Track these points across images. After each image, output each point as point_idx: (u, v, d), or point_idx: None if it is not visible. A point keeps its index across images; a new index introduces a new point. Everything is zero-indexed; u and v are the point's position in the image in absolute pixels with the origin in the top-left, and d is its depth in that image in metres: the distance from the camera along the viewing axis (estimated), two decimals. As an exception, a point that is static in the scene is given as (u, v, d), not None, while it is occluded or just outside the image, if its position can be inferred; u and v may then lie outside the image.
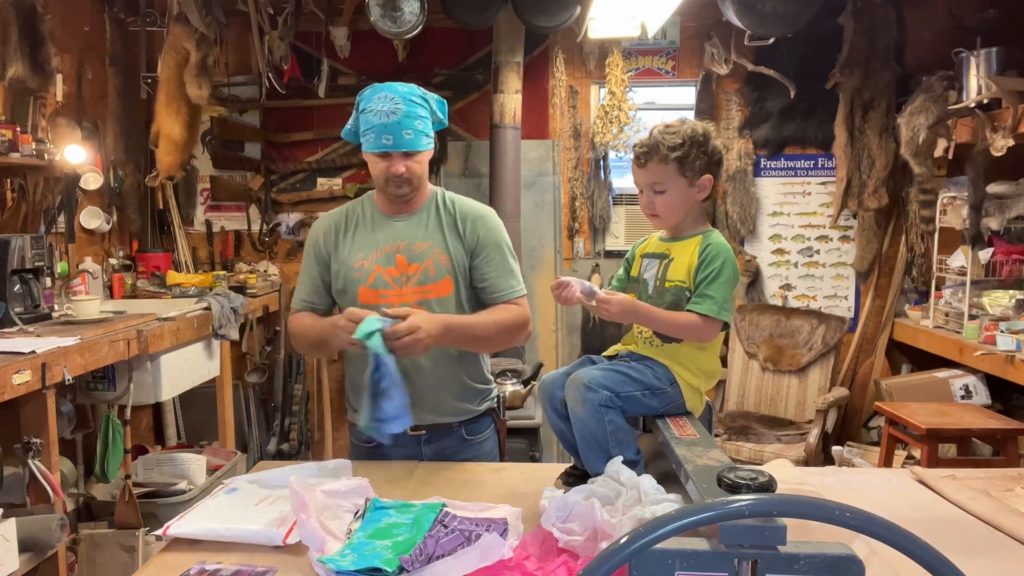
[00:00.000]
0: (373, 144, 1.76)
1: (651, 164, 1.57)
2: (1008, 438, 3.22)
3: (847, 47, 4.12)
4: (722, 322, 1.54)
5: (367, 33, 3.96)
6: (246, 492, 1.57)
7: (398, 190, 1.82)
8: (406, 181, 1.80)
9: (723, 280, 1.53)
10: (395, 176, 1.78)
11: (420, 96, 1.79)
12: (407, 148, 1.76)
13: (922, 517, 1.46)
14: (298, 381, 4.40)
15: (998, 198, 3.56)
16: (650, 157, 1.57)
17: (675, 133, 1.56)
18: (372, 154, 1.79)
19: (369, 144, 1.77)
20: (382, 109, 1.74)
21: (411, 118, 1.75)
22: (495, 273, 1.86)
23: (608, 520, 1.24)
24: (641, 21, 3.59)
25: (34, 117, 3.43)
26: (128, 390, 3.05)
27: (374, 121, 1.74)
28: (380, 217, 1.89)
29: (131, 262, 4.22)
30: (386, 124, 1.73)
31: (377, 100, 1.75)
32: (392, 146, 1.75)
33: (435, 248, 1.84)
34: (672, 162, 1.56)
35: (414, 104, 1.76)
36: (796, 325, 4.20)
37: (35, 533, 2.31)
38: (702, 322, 1.52)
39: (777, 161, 4.48)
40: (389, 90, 1.76)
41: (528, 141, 4.35)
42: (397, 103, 1.74)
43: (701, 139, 1.57)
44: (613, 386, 1.51)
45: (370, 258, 1.84)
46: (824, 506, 0.69)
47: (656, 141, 1.57)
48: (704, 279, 1.54)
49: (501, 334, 1.85)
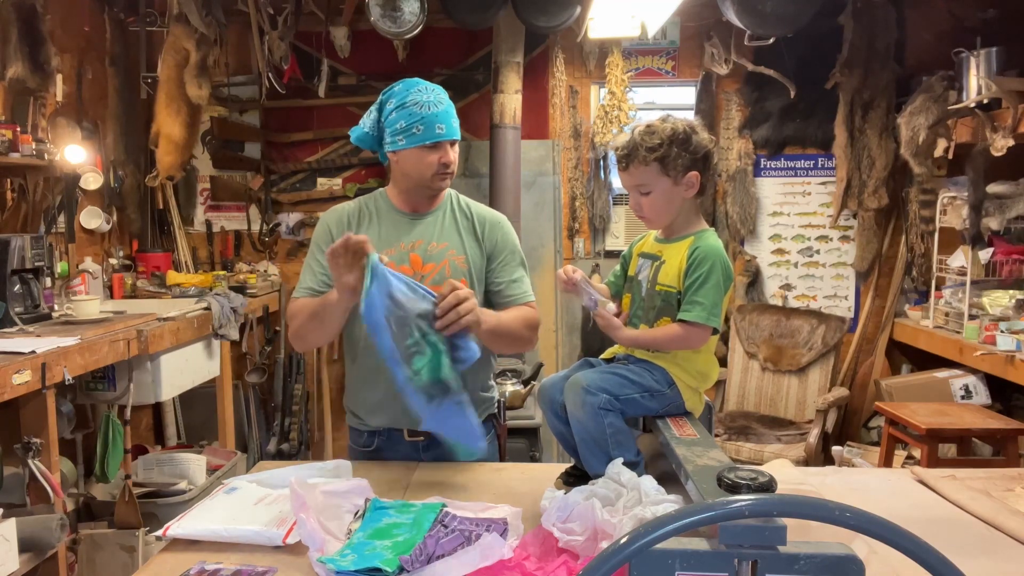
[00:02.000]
0: (424, 135, 1.73)
1: (632, 167, 1.55)
2: (1008, 438, 3.22)
3: (847, 47, 4.12)
4: (712, 327, 1.52)
5: (367, 33, 3.96)
6: (246, 492, 1.57)
7: (443, 183, 1.81)
8: (451, 173, 1.80)
9: (712, 284, 1.51)
10: (445, 166, 1.77)
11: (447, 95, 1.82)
12: (457, 137, 1.78)
13: (922, 517, 1.46)
14: (298, 381, 4.40)
15: (998, 198, 3.56)
16: (631, 160, 1.55)
17: (654, 133, 1.53)
18: (419, 148, 1.75)
19: (418, 136, 1.73)
20: (429, 100, 1.72)
21: (453, 107, 1.78)
22: (510, 278, 1.86)
23: (608, 520, 1.24)
24: (641, 21, 3.58)
25: (34, 117, 3.43)
26: (128, 390, 3.05)
27: (423, 113, 1.71)
28: (396, 214, 1.86)
29: (131, 262, 4.22)
30: (438, 114, 1.72)
31: (418, 92, 1.73)
32: (446, 135, 1.74)
33: (451, 249, 1.83)
34: (653, 163, 1.53)
35: (447, 95, 1.79)
36: (796, 325, 4.20)
37: (35, 533, 2.31)
38: (689, 330, 1.51)
39: (777, 161, 4.48)
40: (422, 83, 1.76)
41: (528, 141, 4.35)
42: (439, 94, 1.75)
43: (682, 137, 1.53)
44: (612, 389, 1.51)
45: (383, 254, 1.82)
46: (824, 506, 0.69)
47: (635, 143, 1.54)
48: (692, 284, 1.52)
49: (523, 331, 1.81)
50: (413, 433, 1.83)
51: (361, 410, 1.89)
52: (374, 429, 1.87)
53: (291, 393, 4.38)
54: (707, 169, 1.57)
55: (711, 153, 1.57)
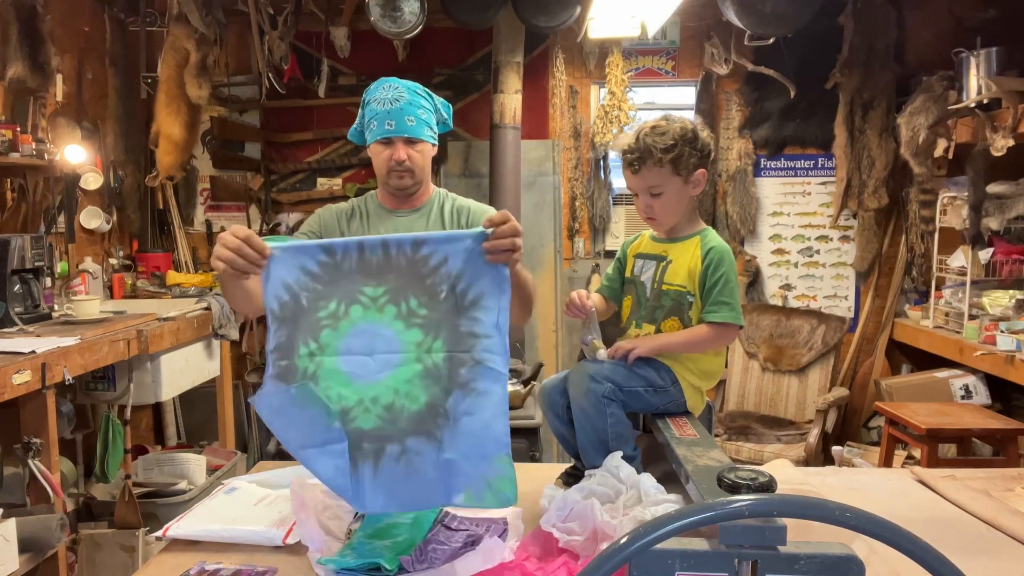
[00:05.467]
0: (376, 132, 1.76)
1: (645, 169, 1.56)
2: (1008, 438, 3.22)
3: (847, 47, 4.12)
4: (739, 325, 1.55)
5: (367, 33, 3.96)
6: (246, 492, 1.57)
7: (400, 181, 1.80)
8: (408, 171, 1.78)
9: (733, 284, 1.55)
10: (397, 164, 1.76)
11: (424, 92, 1.80)
12: (409, 134, 1.76)
13: (922, 517, 1.46)
14: (298, 381, 4.40)
15: (998, 198, 3.56)
16: (644, 162, 1.55)
17: (664, 134, 1.54)
18: (376, 144, 1.78)
19: (372, 133, 1.77)
20: (386, 97, 1.74)
21: (414, 106, 1.75)
22: None
23: (608, 521, 1.24)
24: (641, 21, 3.58)
25: (34, 117, 3.43)
26: (128, 390, 3.05)
27: (378, 109, 1.74)
28: (382, 212, 1.88)
29: (131, 262, 4.22)
30: (389, 111, 1.73)
31: (381, 90, 1.76)
32: (394, 131, 1.75)
33: None
34: (667, 164, 1.54)
35: (417, 95, 1.77)
36: (796, 325, 4.20)
37: (35, 533, 2.31)
38: (719, 331, 1.54)
39: (777, 161, 4.48)
40: (394, 81, 1.78)
41: (528, 141, 4.35)
42: (400, 92, 1.75)
43: (691, 136, 1.55)
44: (617, 380, 1.51)
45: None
46: (824, 506, 0.69)
47: (647, 145, 1.54)
48: (715, 285, 1.54)
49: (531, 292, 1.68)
50: None
51: None
52: None
53: (291, 393, 4.38)
54: (710, 166, 1.60)
55: (712, 151, 1.60)
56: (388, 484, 1.29)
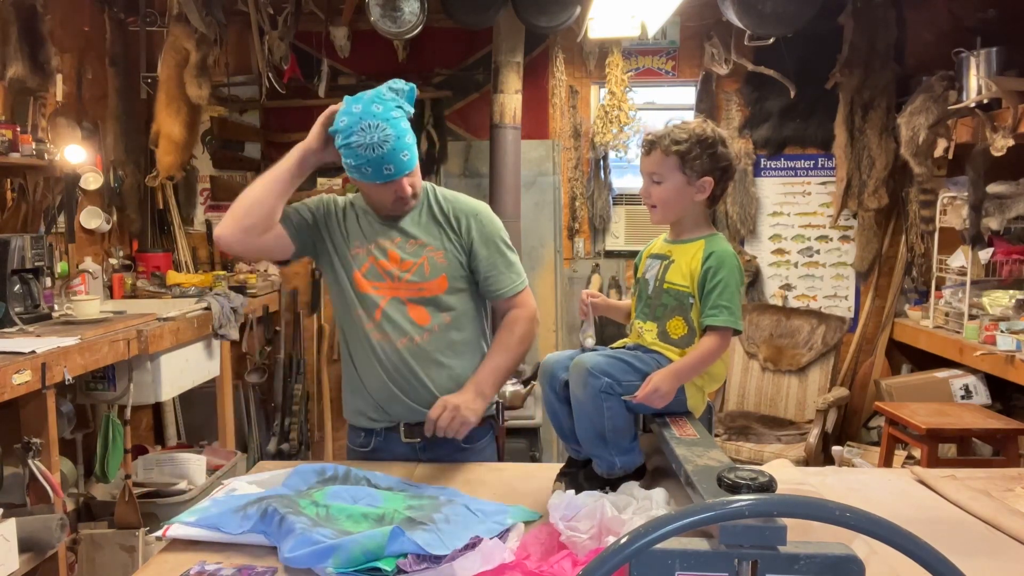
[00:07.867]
0: (374, 175, 1.70)
1: (654, 153, 1.59)
2: (1008, 438, 3.22)
3: (847, 47, 4.12)
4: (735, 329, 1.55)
5: (367, 33, 3.96)
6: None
7: (405, 207, 1.81)
8: (413, 196, 1.80)
9: (733, 288, 1.55)
10: (403, 197, 1.77)
11: (395, 105, 1.71)
12: (408, 170, 1.73)
13: (922, 517, 1.46)
14: (298, 381, 4.40)
15: (998, 198, 3.56)
16: (654, 147, 1.59)
17: (683, 130, 1.58)
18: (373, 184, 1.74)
19: (368, 176, 1.71)
20: (373, 141, 1.66)
21: (401, 139, 1.68)
22: (495, 270, 1.85)
23: (617, 516, 1.24)
24: (641, 21, 3.58)
25: (34, 117, 3.43)
26: (128, 390, 3.04)
27: (367, 155, 1.67)
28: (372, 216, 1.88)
29: (131, 262, 4.22)
30: (382, 156, 1.67)
31: (360, 132, 1.66)
32: (395, 174, 1.71)
33: (429, 246, 1.83)
34: (673, 155, 1.57)
35: (396, 120, 1.69)
36: (796, 325, 4.20)
37: (35, 533, 2.31)
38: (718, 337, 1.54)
39: (777, 161, 4.48)
40: (368, 116, 1.67)
41: (528, 141, 4.34)
42: (383, 129, 1.66)
43: (709, 141, 1.57)
44: (615, 374, 1.51)
45: (364, 248, 1.83)
46: (824, 506, 0.69)
47: (664, 133, 1.59)
48: (713, 289, 1.54)
49: (523, 348, 1.88)
50: (410, 434, 1.83)
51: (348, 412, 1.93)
52: (370, 429, 1.88)
53: (291, 393, 4.38)
54: (723, 180, 1.60)
55: (731, 168, 1.60)
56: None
